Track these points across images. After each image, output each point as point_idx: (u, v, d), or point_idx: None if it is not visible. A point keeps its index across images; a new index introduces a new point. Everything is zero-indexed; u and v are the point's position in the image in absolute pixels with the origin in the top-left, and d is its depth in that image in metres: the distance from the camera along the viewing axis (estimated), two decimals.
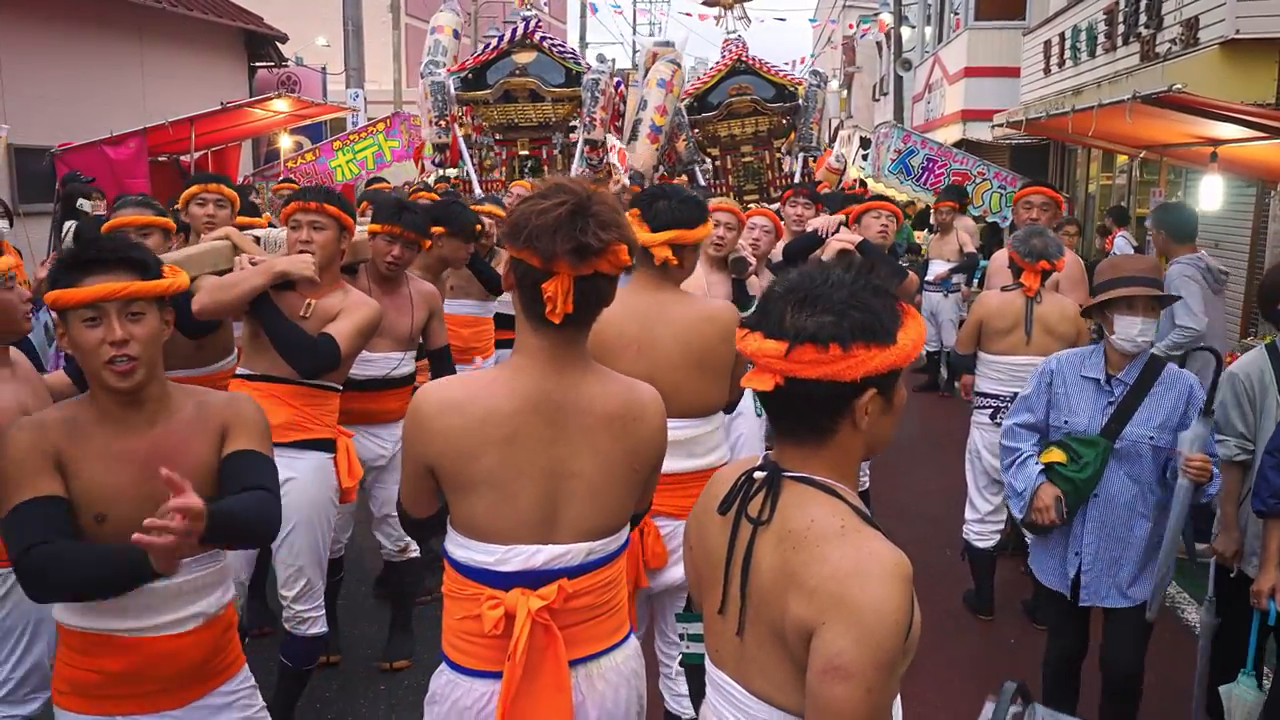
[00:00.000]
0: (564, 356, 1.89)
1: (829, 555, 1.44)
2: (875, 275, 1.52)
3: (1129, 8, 10.21)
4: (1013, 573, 5.04)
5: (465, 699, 1.94)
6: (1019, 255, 4.42)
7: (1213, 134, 6.05)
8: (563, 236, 1.76)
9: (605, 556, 1.97)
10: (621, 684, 2.00)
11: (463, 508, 1.90)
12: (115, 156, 10.46)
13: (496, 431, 1.85)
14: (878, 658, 1.38)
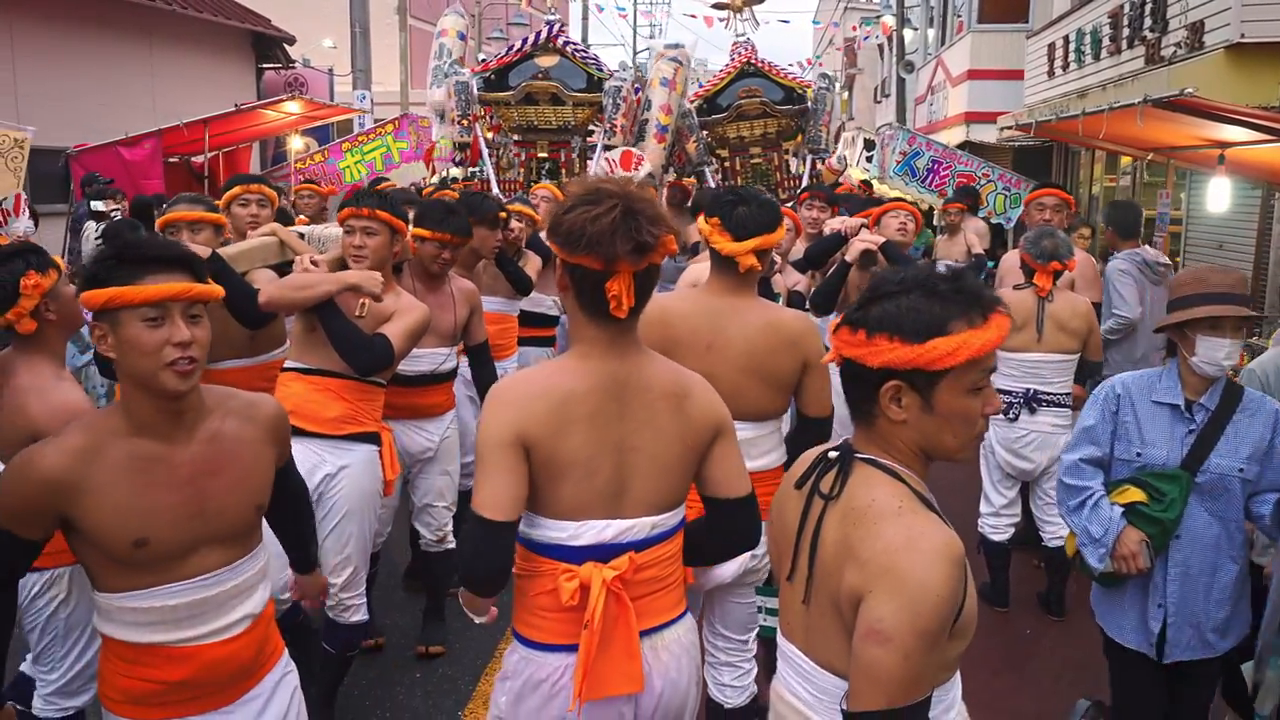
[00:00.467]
0: (623, 343, 2.02)
1: (883, 532, 1.56)
2: (960, 279, 1.64)
3: (1134, 11, 10.30)
4: (1026, 566, 5.14)
5: (539, 673, 2.03)
6: (1031, 256, 4.52)
7: (1220, 137, 6.15)
8: (622, 239, 1.88)
9: (667, 531, 2.08)
10: (683, 654, 2.11)
11: (548, 489, 1.99)
12: (130, 157, 10.58)
13: (579, 409, 1.97)
14: (916, 625, 1.49)
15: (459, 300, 4.12)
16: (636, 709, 2.04)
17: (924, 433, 1.64)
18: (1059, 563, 4.75)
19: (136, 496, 1.96)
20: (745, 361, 2.88)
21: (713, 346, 2.85)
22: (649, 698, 2.04)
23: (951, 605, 1.52)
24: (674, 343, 2.79)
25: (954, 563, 1.53)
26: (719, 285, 2.94)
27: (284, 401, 3.33)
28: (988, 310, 1.61)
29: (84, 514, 1.95)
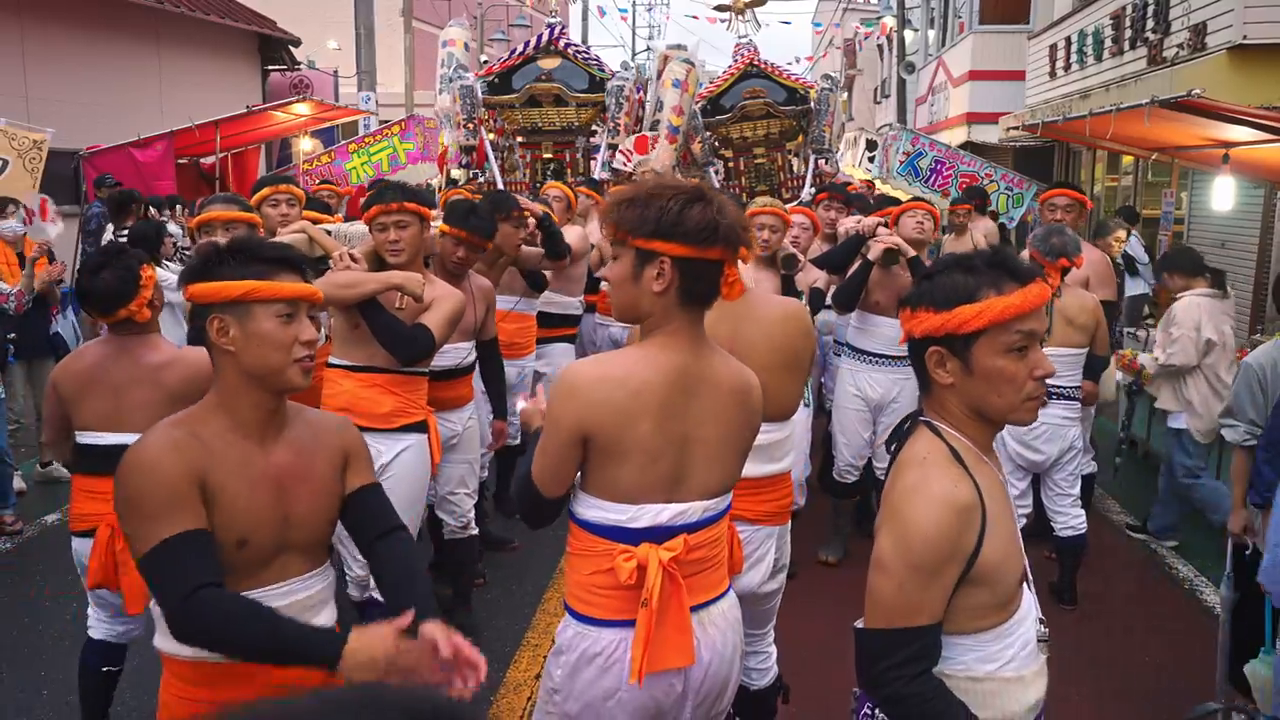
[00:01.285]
0: (698, 335, 2.13)
1: (902, 478, 1.78)
2: (997, 254, 1.82)
3: (1136, 13, 10.42)
4: (1037, 557, 5.24)
5: (594, 647, 2.12)
6: (1040, 254, 4.62)
7: (1224, 136, 6.26)
8: (741, 229, 2.08)
9: (718, 514, 2.19)
10: (728, 628, 2.21)
11: (609, 473, 2.08)
12: (142, 159, 10.66)
13: (651, 400, 2.05)
14: (908, 560, 1.69)
15: (478, 297, 4.24)
16: (687, 680, 2.13)
17: (970, 394, 1.78)
18: (1070, 553, 4.85)
19: (245, 495, 1.94)
20: (771, 358, 2.87)
21: (735, 350, 2.77)
22: (698, 669, 2.13)
23: (942, 546, 1.68)
24: None
25: (950, 508, 1.69)
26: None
27: (336, 399, 3.52)
28: (1019, 278, 1.74)
29: (206, 505, 1.90)
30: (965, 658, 1.78)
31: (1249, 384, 3.58)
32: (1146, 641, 4.58)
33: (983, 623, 1.77)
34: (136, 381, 3.00)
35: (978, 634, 1.77)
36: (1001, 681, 1.78)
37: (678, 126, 7.93)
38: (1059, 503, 4.80)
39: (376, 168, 12.95)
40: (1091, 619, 4.78)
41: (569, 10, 39.05)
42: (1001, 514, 1.79)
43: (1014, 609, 1.81)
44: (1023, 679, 1.80)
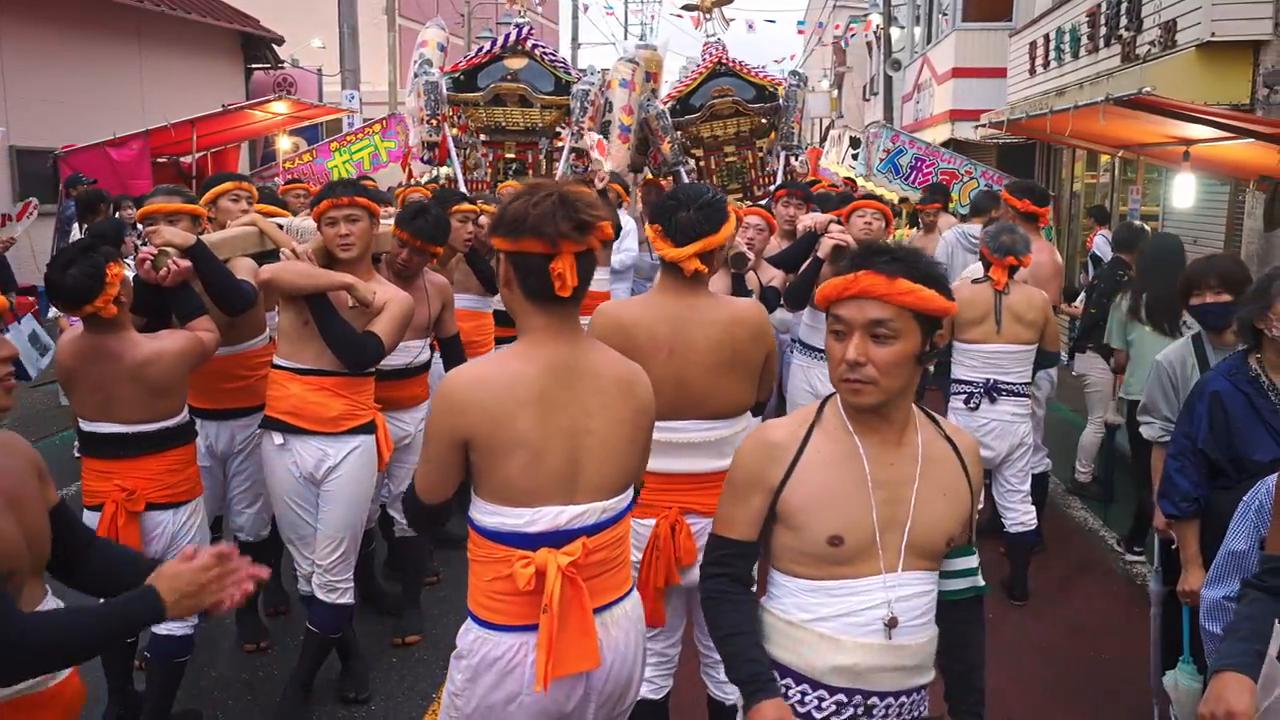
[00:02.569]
0: (567, 330, 2.13)
1: None
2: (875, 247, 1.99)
3: (1110, 10, 10.44)
4: (989, 552, 5.26)
5: (495, 651, 2.12)
6: (989, 250, 4.66)
7: (1185, 134, 6.28)
8: (562, 218, 2.01)
9: (616, 515, 2.20)
10: (630, 628, 2.23)
11: (497, 473, 2.08)
12: (118, 158, 10.67)
13: (526, 392, 2.06)
14: (730, 479, 2.05)
15: (432, 294, 4.24)
16: (589, 682, 2.14)
17: None
18: (1021, 549, 4.89)
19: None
20: (714, 360, 2.85)
21: (675, 350, 2.82)
22: (600, 671, 2.14)
23: (748, 470, 1.99)
24: (636, 351, 2.75)
25: (760, 441, 2.00)
26: (671, 288, 2.89)
27: (283, 401, 3.54)
28: (848, 269, 1.90)
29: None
30: (785, 601, 1.97)
31: (1160, 382, 3.59)
32: (1096, 638, 4.61)
33: (798, 568, 1.95)
34: (118, 379, 3.16)
35: (795, 578, 1.96)
36: (814, 635, 1.93)
37: (629, 125, 7.97)
38: (1009, 499, 4.83)
39: (358, 166, 12.94)
40: (1042, 615, 4.82)
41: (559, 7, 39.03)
42: (830, 474, 1.92)
43: (841, 575, 1.92)
44: (839, 642, 1.91)
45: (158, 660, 3.41)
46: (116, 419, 3.22)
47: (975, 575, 2.08)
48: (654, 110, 8.32)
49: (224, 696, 3.94)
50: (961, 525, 2.00)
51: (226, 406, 3.92)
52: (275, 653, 4.26)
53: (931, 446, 1.98)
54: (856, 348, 1.85)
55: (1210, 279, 3.54)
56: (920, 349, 1.89)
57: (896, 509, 1.92)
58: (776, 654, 1.96)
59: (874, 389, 1.87)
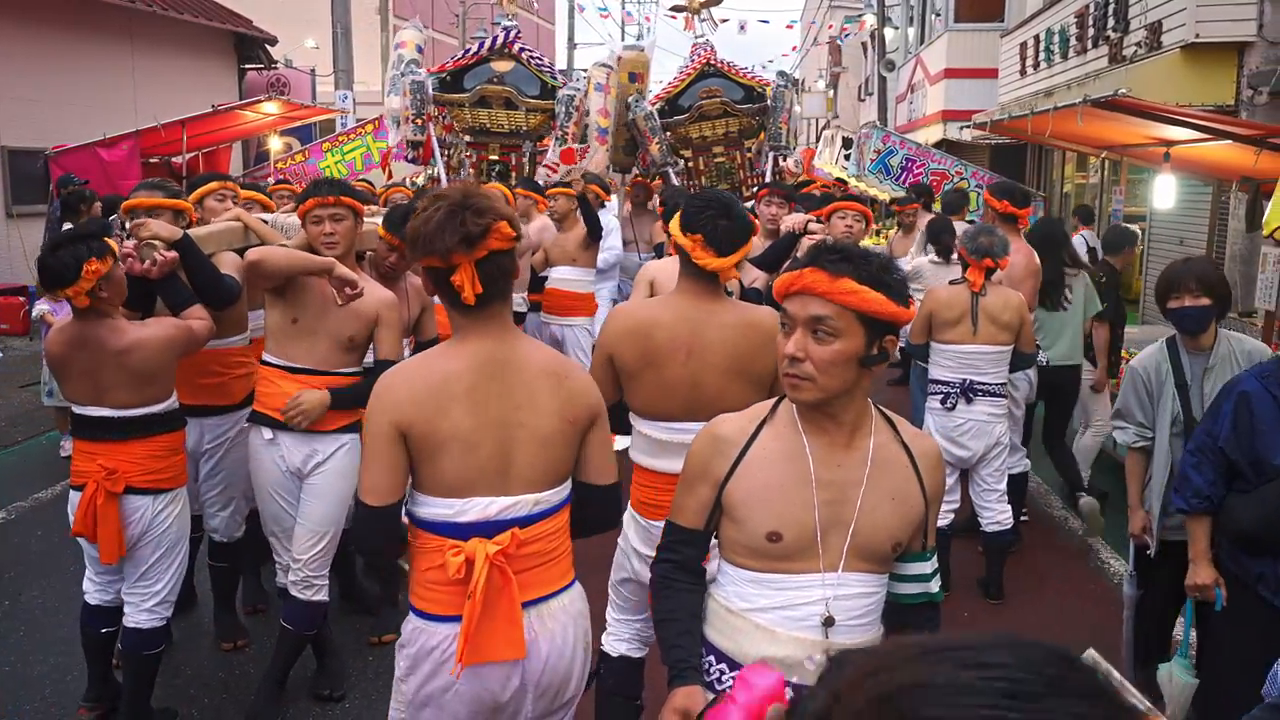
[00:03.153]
0: (494, 328, 2.19)
1: None
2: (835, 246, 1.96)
3: (1098, 11, 10.49)
4: (966, 551, 5.30)
5: (430, 641, 2.18)
6: (966, 251, 4.68)
7: (1165, 135, 6.32)
8: (450, 233, 2.07)
9: (551, 508, 2.23)
10: (569, 623, 2.25)
11: (432, 466, 2.14)
12: (108, 158, 10.70)
13: (457, 387, 2.13)
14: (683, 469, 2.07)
15: (412, 296, 4.25)
16: (524, 673, 2.18)
17: None
18: (997, 548, 4.91)
19: None
20: (729, 364, 2.88)
21: (693, 352, 2.86)
22: (535, 661, 2.18)
23: (696, 461, 2.01)
24: (655, 351, 2.86)
25: (709, 435, 2.02)
26: (692, 291, 2.91)
27: (273, 399, 3.58)
28: (797, 267, 1.90)
29: None
30: (728, 589, 1.98)
31: (1135, 387, 3.58)
32: (1070, 637, 4.63)
33: (741, 559, 1.96)
34: (104, 365, 3.26)
35: (738, 568, 1.96)
36: (750, 624, 1.94)
37: (605, 128, 8.00)
38: (986, 498, 4.86)
39: (350, 166, 12.99)
40: (1016, 613, 4.85)
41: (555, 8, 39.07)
42: (773, 471, 1.93)
43: (781, 570, 1.93)
44: (774, 634, 1.92)
45: (130, 653, 3.46)
46: (105, 403, 3.31)
47: (928, 581, 2.06)
48: (642, 111, 8.35)
49: (200, 694, 3.96)
50: (911, 531, 1.98)
51: (200, 403, 3.93)
52: (252, 651, 4.27)
53: (884, 450, 1.96)
54: (796, 342, 1.87)
55: (1189, 282, 3.47)
56: (863, 351, 1.87)
57: (841, 509, 1.92)
58: (713, 638, 1.99)
59: (811, 385, 1.87)
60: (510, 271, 2.17)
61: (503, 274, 2.15)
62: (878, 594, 1.99)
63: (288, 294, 3.61)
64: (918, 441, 2.03)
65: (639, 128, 8.43)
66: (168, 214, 3.80)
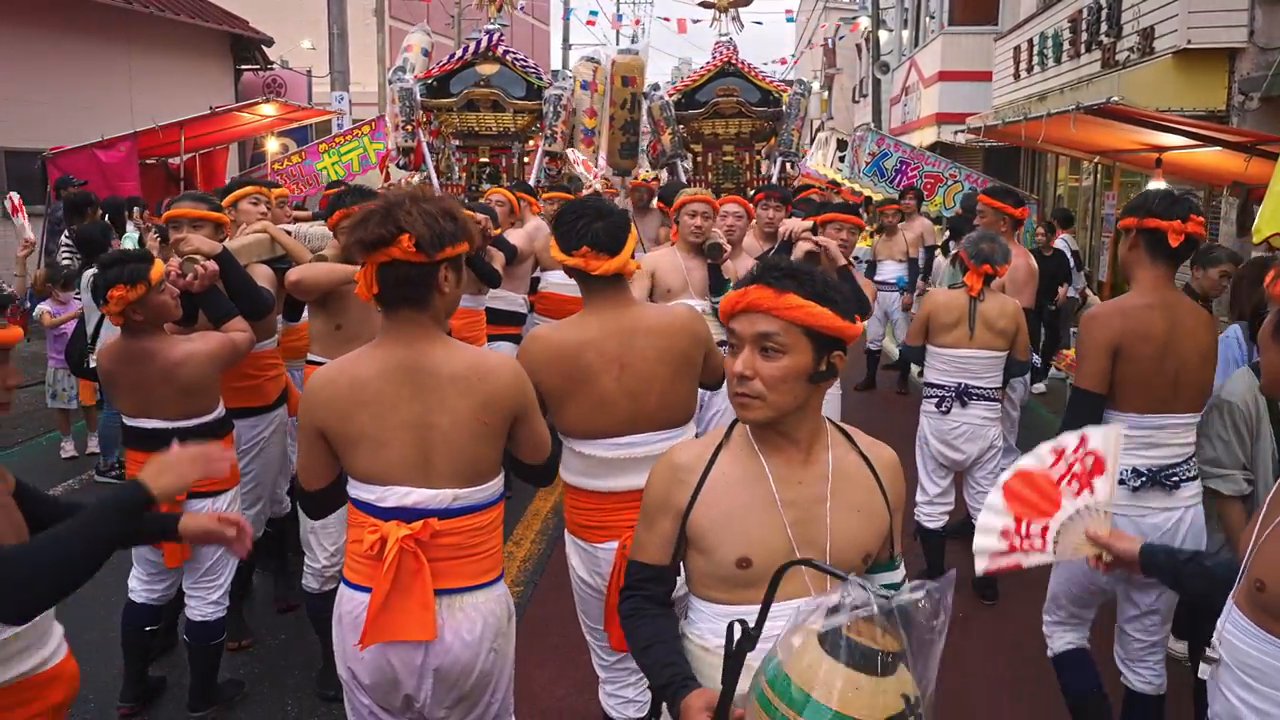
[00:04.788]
0: (409, 332, 2.29)
1: None
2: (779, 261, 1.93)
3: (1091, 16, 10.57)
4: (963, 553, 5.35)
5: (346, 605, 2.36)
6: (967, 256, 4.74)
7: (1157, 142, 6.40)
8: (354, 235, 2.24)
9: (472, 505, 2.33)
10: (479, 619, 2.34)
11: (349, 460, 2.32)
12: (106, 159, 10.72)
13: (363, 394, 2.27)
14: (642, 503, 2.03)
15: None
16: (427, 655, 2.31)
17: None
18: None
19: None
20: (663, 369, 2.85)
21: (626, 365, 2.81)
22: (439, 647, 2.30)
23: (656, 493, 1.97)
24: (588, 371, 2.80)
25: (666, 464, 1.99)
26: (602, 303, 2.86)
27: None
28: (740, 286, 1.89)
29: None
30: (701, 625, 1.94)
31: (1234, 425, 3.18)
32: None
33: (712, 592, 1.92)
34: (151, 380, 3.37)
35: (710, 603, 1.92)
36: (715, 660, 1.83)
37: (592, 129, 8.07)
38: (979, 500, 4.92)
39: (347, 168, 13.02)
40: (1010, 614, 4.90)
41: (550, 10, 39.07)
42: (737, 495, 1.88)
43: (754, 600, 1.78)
44: (752, 668, 1.78)
45: (198, 644, 3.64)
46: (155, 416, 3.42)
47: (899, 589, 1.95)
48: (659, 100, 8.42)
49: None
50: (879, 541, 1.95)
51: (235, 405, 3.98)
52: (258, 651, 4.33)
53: (843, 463, 1.93)
54: (744, 360, 1.84)
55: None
56: (812, 368, 1.84)
57: (811, 529, 1.87)
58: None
59: (761, 404, 1.84)
60: (419, 282, 2.23)
61: (405, 283, 2.23)
62: None
63: (329, 303, 3.76)
64: (874, 450, 2.00)
65: (654, 116, 8.50)
66: (208, 226, 3.88)
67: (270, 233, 4.28)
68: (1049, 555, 2.25)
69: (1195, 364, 3.13)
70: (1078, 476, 2.26)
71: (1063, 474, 2.25)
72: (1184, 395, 3.13)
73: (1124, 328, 3.09)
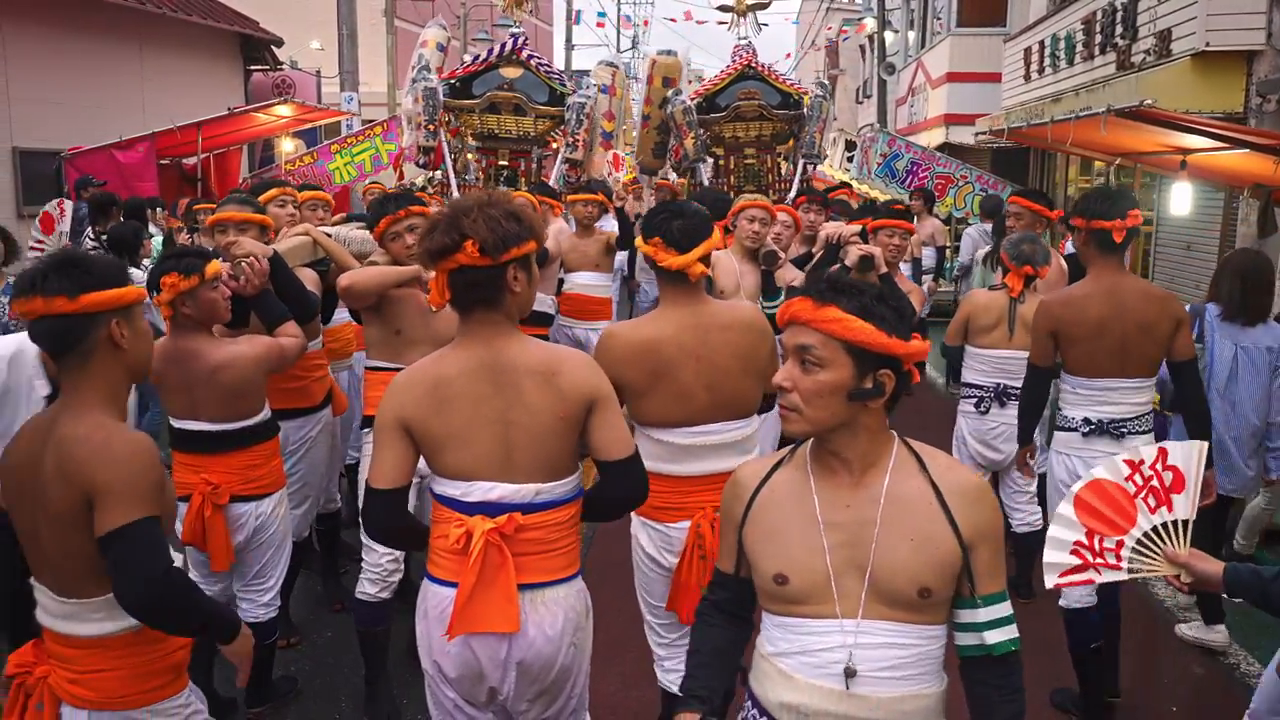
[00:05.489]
0: (485, 332, 2.35)
1: None
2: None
3: (1106, 18, 10.61)
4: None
5: (431, 601, 2.40)
6: (1008, 257, 4.76)
7: (1182, 144, 6.44)
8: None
9: (554, 500, 2.38)
10: (560, 614, 2.39)
11: (435, 457, 2.36)
12: (124, 160, 10.75)
13: (446, 391, 2.32)
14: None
15: None
16: (511, 648, 2.35)
17: None
18: (1026, 549, 5.02)
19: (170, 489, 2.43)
20: (736, 363, 3.04)
21: (702, 357, 3.01)
22: (523, 640, 2.35)
23: (723, 506, 2.04)
24: (666, 365, 3.00)
25: (732, 481, 2.02)
26: (681, 300, 3.06)
27: None
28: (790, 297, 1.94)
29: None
30: (763, 633, 1.98)
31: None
32: None
33: (765, 602, 1.96)
34: (197, 382, 3.38)
35: (766, 612, 1.97)
36: (774, 668, 1.90)
37: (610, 132, 8.09)
38: (1016, 499, 4.96)
39: (359, 168, 13.06)
40: (1044, 612, 4.94)
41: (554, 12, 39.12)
42: (779, 512, 1.91)
43: (797, 614, 1.88)
44: (792, 680, 1.87)
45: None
46: (200, 418, 3.42)
47: (981, 631, 1.86)
48: (681, 105, 8.46)
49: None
50: (941, 575, 1.83)
51: (282, 406, 4.02)
52: (305, 648, 4.37)
53: (902, 488, 1.86)
54: (785, 372, 1.86)
55: None
56: (852, 384, 1.81)
57: (854, 552, 1.84)
58: (752, 683, 1.99)
59: (798, 417, 1.84)
60: (487, 285, 2.30)
61: (474, 286, 2.30)
62: (913, 646, 1.85)
63: (384, 309, 3.76)
64: (951, 476, 1.88)
65: (676, 120, 8.53)
66: (254, 229, 3.91)
67: (313, 235, 4.31)
68: (1123, 574, 2.20)
69: (1137, 337, 3.67)
70: (1155, 491, 2.22)
71: (1139, 488, 2.21)
72: (1131, 363, 3.71)
73: (1060, 315, 3.78)
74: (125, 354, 2.21)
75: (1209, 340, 4.66)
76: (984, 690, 1.90)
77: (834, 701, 1.84)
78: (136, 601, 2.09)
